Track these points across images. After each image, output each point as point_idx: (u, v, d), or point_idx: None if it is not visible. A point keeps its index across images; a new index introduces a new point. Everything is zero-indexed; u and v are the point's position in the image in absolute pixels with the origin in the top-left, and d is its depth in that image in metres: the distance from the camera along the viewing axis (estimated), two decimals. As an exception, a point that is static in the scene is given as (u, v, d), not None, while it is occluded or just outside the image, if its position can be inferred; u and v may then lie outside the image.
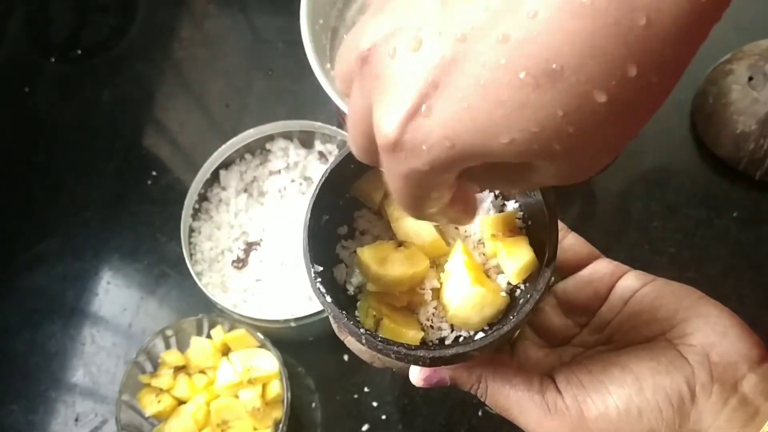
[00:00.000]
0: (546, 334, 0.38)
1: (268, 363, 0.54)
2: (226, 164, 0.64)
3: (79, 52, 0.78)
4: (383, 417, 0.58)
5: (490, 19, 0.20)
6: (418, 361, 0.31)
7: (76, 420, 0.61)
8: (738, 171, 0.63)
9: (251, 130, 0.63)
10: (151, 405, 0.54)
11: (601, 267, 0.37)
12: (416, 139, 0.21)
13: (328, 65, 0.60)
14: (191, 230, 0.61)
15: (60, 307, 0.65)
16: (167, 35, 0.78)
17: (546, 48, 0.19)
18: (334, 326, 0.34)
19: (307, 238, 0.33)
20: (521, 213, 0.35)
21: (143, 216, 0.68)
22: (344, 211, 0.36)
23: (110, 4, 0.81)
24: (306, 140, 0.65)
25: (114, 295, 0.65)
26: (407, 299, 0.34)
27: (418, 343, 0.32)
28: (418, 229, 0.35)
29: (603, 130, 0.21)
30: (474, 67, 0.20)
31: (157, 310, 0.64)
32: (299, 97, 0.72)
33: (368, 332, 0.31)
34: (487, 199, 0.35)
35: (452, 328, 0.33)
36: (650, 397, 0.30)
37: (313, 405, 0.59)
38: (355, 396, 0.59)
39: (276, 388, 0.54)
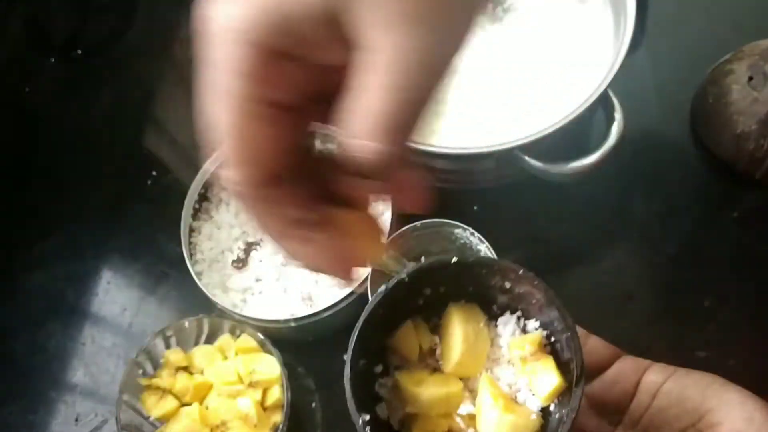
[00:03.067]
0: None
1: (270, 367, 0.54)
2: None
3: (79, 52, 0.78)
4: (383, 417, 0.58)
5: None
6: None
7: (76, 420, 0.61)
8: (738, 171, 0.63)
9: (251, 130, 0.63)
10: (155, 407, 0.54)
11: (625, 366, 0.39)
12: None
13: None
14: (191, 230, 0.61)
15: (60, 307, 0.65)
16: (167, 35, 0.78)
17: None
18: None
19: (350, 389, 0.34)
20: (545, 332, 0.36)
21: (143, 216, 0.68)
22: (376, 349, 0.37)
23: (110, 4, 0.81)
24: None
25: (114, 295, 0.65)
26: (447, 424, 0.36)
27: None
28: (448, 353, 0.37)
29: None
30: None
31: (157, 310, 0.64)
32: (299, 97, 0.72)
33: None
34: (510, 321, 0.37)
35: None
36: None
37: (313, 405, 0.59)
38: (355, 396, 0.59)
39: (276, 393, 0.54)
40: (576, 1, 0.64)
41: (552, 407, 0.35)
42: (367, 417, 0.34)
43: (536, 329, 0.37)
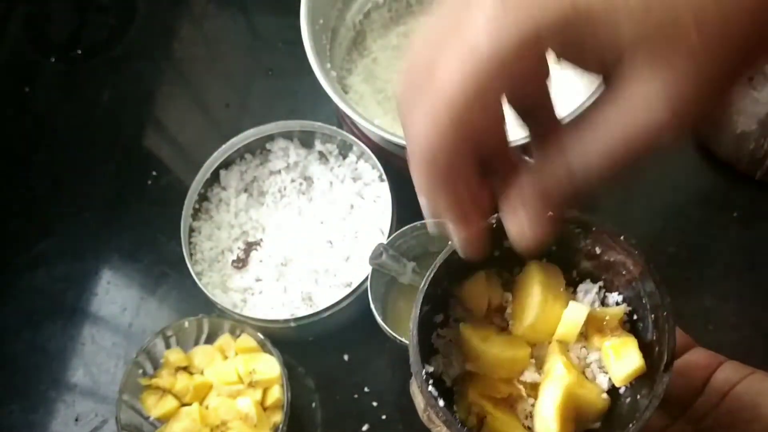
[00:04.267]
0: None
1: (270, 367, 0.54)
2: (226, 164, 0.64)
3: (79, 52, 0.78)
4: (383, 417, 0.58)
5: None
6: None
7: (76, 420, 0.61)
8: (738, 171, 0.63)
9: (251, 130, 0.63)
10: (154, 407, 0.54)
11: (697, 357, 0.37)
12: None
13: (329, 65, 0.60)
14: (191, 230, 0.61)
15: (60, 307, 0.65)
16: (167, 35, 0.78)
17: None
18: (423, 417, 0.34)
19: (417, 336, 0.31)
20: (628, 308, 0.33)
21: (143, 216, 0.68)
22: (441, 298, 0.34)
23: (110, 4, 0.81)
24: (306, 140, 0.65)
25: (114, 295, 0.65)
26: (507, 391, 0.33)
27: None
28: (520, 314, 0.34)
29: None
30: None
31: (157, 310, 0.64)
32: (299, 97, 0.72)
33: None
34: (591, 290, 0.34)
35: None
36: None
37: (313, 405, 0.59)
38: (355, 396, 0.59)
39: (276, 393, 0.54)
40: None
41: (622, 390, 0.32)
42: (431, 369, 0.31)
43: (618, 304, 0.34)
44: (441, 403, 0.30)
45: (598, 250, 0.33)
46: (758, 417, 0.33)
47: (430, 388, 0.30)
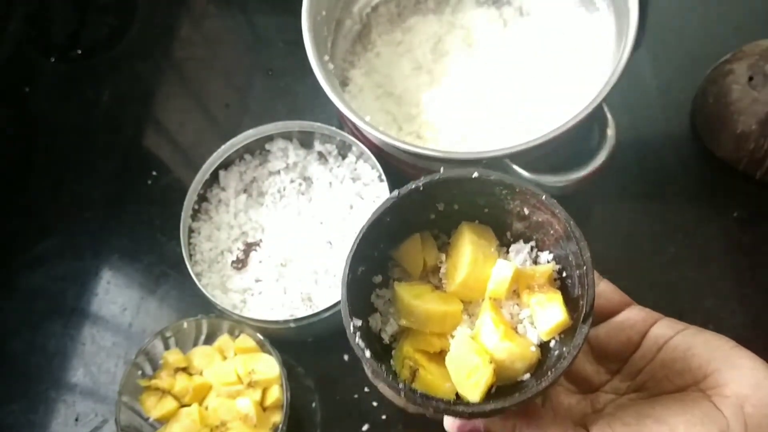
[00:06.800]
0: (577, 380, 0.38)
1: (269, 367, 0.54)
2: (226, 164, 0.64)
3: (79, 52, 0.78)
4: (383, 417, 0.58)
5: None
6: (456, 415, 0.32)
7: (77, 420, 0.61)
8: (738, 171, 0.63)
9: (251, 131, 0.63)
10: (154, 408, 0.54)
11: (634, 314, 0.37)
12: None
13: (327, 57, 0.60)
14: (191, 231, 0.61)
15: (60, 307, 0.65)
16: (167, 35, 0.78)
17: None
18: (369, 373, 0.35)
19: (346, 293, 0.33)
20: (558, 266, 0.35)
21: (143, 216, 0.68)
22: (379, 260, 0.36)
23: (110, 4, 0.81)
24: (305, 140, 0.65)
25: (114, 295, 0.65)
26: (440, 345, 0.34)
27: (453, 395, 0.33)
28: (453, 272, 0.35)
29: None
30: None
31: (157, 310, 0.64)
32: (299, 97, 0.72)
33: (408, 387, 0.32)
34: (523, 250, 0.35)
35: None
36: None
37: (313, 405, 0.59)
38: (355, 396, 0.59)
39: (276, 393, 0.54)
40: (584, 10, 0.64)
41: (552, 344, 0.33)
42: (359, 323, 0.33)
43: (548, 262, 0.35)
44: (368, 354, 0.32)
45: (526, 211, 0.34)
46: (689, 368, 0.34)
47: (358, 340, 0.32)
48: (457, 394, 0.33)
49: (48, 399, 0.62)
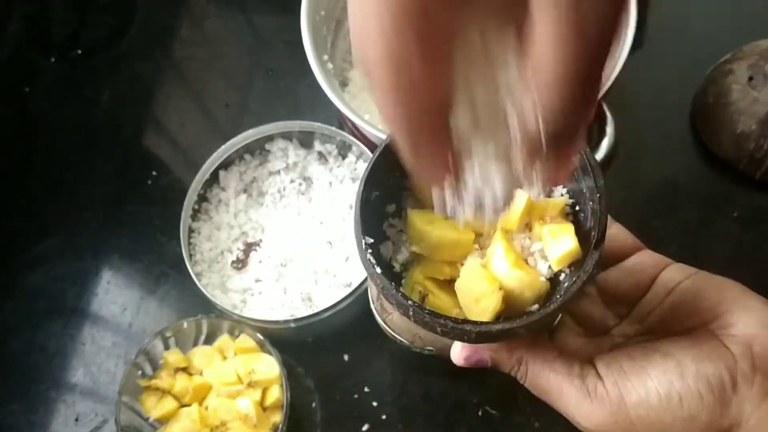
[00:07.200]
0: (585, 323, 0.38)
1: (269, 367, 0.54)
2: (226, 164, 0.64)
3: (79, 52, 0.78)
4: (383, 417, 0.58)
5: None
6: (463, 336, 0.31)
7: (77, 420, 0.61)
8: (738, 171, 0.63)
9: (251, 131, 0.63)
10: (154, 408, 0.54)
11: (644, 258, 0.37)
12: None
13: (326, 56, 0.60)
14: (191, 231, 0.61)
15: (60, 307, 0.65)
16: (167, 35, 0.78)
17: None
18: (375, 306, 0.34)
19: (359, 210, 0.33)
20: (571, 200, 0.34)
21: (143, 216, 0.68)
22: (393, 189, 0.36)
23: (110, 4, 0.81)
24: (305, 140, 0.65)
25: (114, 295, 0.65)
26: (450, 273, 0.34)
27: None
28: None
29: None
30: None
31: (157, 310, 0.64)
32: (299, 97, 0.72)
33: (416, 304, 0.31)
34: (536, 183, 0.35)
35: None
36: (692, 384, 0.30)
37: (313, 405, 0.59)
38: (355, 396, 0.59)
39: (276, 393, 0.54)
40: None
41: (562, 276, 0.33)
42: (371, 241, 0.32)
43: (562, 195, 0.35)
44: (378, 269, 0.32)
45: None
46: (699, 310, 0.34)
47: (369, 256, 0.32)
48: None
49: (48, 399, 0.62)
